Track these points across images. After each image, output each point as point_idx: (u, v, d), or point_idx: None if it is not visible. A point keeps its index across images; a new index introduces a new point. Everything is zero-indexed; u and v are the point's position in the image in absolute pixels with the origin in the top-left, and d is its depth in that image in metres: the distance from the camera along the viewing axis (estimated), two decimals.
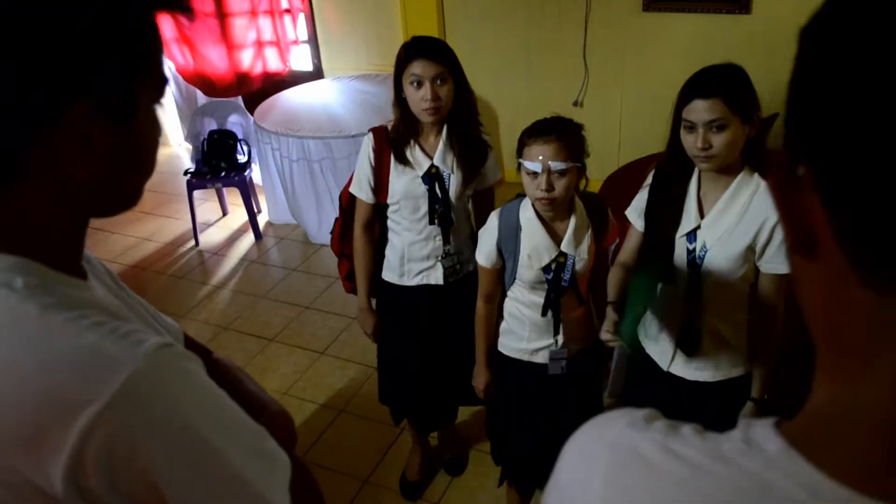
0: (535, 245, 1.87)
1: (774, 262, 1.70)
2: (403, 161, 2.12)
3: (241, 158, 4.57)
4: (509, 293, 2.01)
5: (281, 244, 4.55)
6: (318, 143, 4.01)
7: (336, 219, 2.43)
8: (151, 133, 0.72)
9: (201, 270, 4.32)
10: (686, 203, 1.78)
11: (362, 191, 2.19)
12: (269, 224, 4.77)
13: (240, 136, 4.61)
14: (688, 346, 1.81)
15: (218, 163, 4.46)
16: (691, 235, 1.77)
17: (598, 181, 3.32)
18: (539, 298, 1.93)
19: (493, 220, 1.95)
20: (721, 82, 1.64)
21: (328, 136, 4.02)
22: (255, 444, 0.72)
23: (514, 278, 1.94)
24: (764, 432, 0.43)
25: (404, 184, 2.13)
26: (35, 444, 0.60)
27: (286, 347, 3.51)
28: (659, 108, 4.37)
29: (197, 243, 4.56)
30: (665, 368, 1.88)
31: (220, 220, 4.88)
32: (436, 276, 2.23)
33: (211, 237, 4.67)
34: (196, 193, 4.49)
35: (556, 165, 1.75)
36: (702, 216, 1.76)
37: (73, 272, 0.70)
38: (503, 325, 2.07)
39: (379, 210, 2.23)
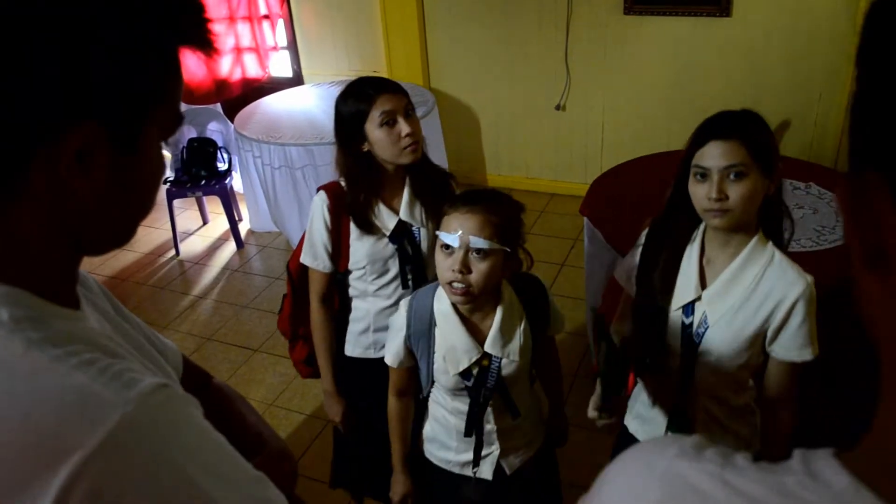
0: (451, 345, 1.55)
1: (791, 349, 1.47)
2: (369, 229, 1.84)
3: (222, 166, 4.51)
4: (430, 395, 1.70)
5: (263, 252, 4.50)
6: (301, 150, 3.97)
7: (284, 296, 2.15)
8: (154, 169, 0.68)
9: (182, 280, 4.26)
10: (685, 269, 1.54)
11: (318, 259, 1.90)
12: (250, 232, 4.72)
13: (220, 143, 4.56)
14: (678, 430, 1.61)
15: (198, 171, 4.40)
16: (688, 308, 1.53)
17: (583, 185, 3.32)
18: (464, 405, 1.62)
19: (402, 311, 1.64)
20: (741, 125, 1.42)
21: (310, 142, 3.98)
22: (253, 494, 0.67)
23: (432, 380, 1.63)
24: (827, 465, 0.40)
25: (369, 247, 1.86)
26: (15, 493, 0.56)
27: (271, 357, 3.47)
28: (640, 111, 4.43)
29: (177, 253, 4.50)
30: None
31: (201, 229, 4.82)
32: None
33: (192, 246, 4.61)
34: (176, 202, 4.43)
35: (476, 242, 1.44)
36: (703, 286, 1.52)
37: (65, 302, 0.66)
38: (427, 430, 1.75)
39: (336, 278, 1.96)
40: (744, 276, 1.47)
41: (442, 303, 1.57)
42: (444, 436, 1.70)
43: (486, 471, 1.69)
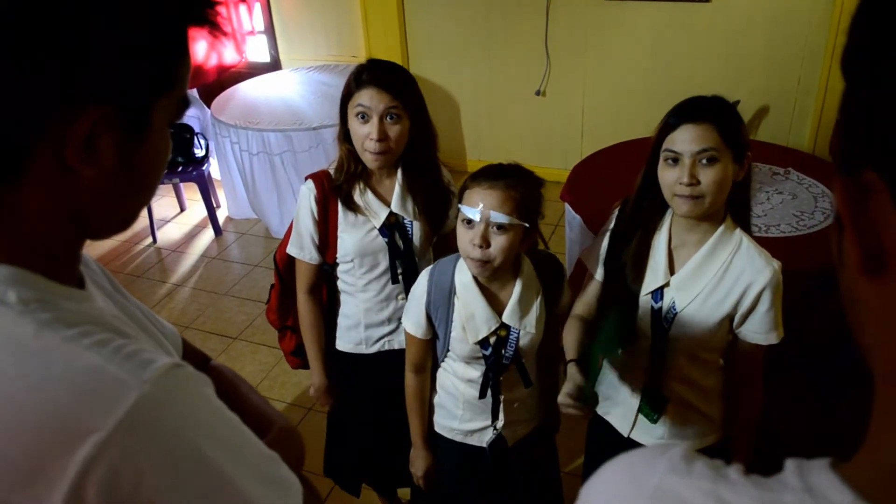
0: (470, 314, 1.58)
1: (758, 332, 1.50)
2: (354, 207, 1.79)
3: (199, 152, 4.44)
4: (442, 364, 1.73)
5: (241, 240, 4.45)
6: (279, 136, 3.93)
7: (272, 286, 2.09)
8: (160, 153, 0.67)
9: (159, 268, 4.20)
10: (654, 255, 1.55)
11: (304, 250, 1.85)
12: (228, 219, 4.67)
13: (196, 129, 4.49)
14: (650, 412, 1.62)
15: (174, 157, 4.33)
16: (657, 294, 1.53)
17: (563, 171, 3.32)
18: (476, 374, 1.65)
19: (423, 279, 1.66)
20: (713, 109, 1.42)
21: (289, 128, 3.94)
22: (267, 472, 0.67)
23: (447, 350, 1.66)
24: (826, 480, 0.38)
25: (358, 238, 1.80)
26: (31, 477, 0.55)
27: (250, 345, 3.44)
28: (620, 97, 4.43)
29: (154, 240, 4.44)
30: (626, 434, 1.68)
31: (178, 216, 4.76)
32: (399, 340, 1.90)
33: (169, 234, 4.55)
34: None
35: (496, 217, 1.46)
36: (672, 272, 1.53)
37: (70, 283, 0.65)
38: (435, 398, 1.78)
39: (324, 270, 1.91)
40: (712, 263, 1.48)
41: (463, 273, 1.60)
42: (451, 404, 1.73)
43: (485, 439, 1.74)
